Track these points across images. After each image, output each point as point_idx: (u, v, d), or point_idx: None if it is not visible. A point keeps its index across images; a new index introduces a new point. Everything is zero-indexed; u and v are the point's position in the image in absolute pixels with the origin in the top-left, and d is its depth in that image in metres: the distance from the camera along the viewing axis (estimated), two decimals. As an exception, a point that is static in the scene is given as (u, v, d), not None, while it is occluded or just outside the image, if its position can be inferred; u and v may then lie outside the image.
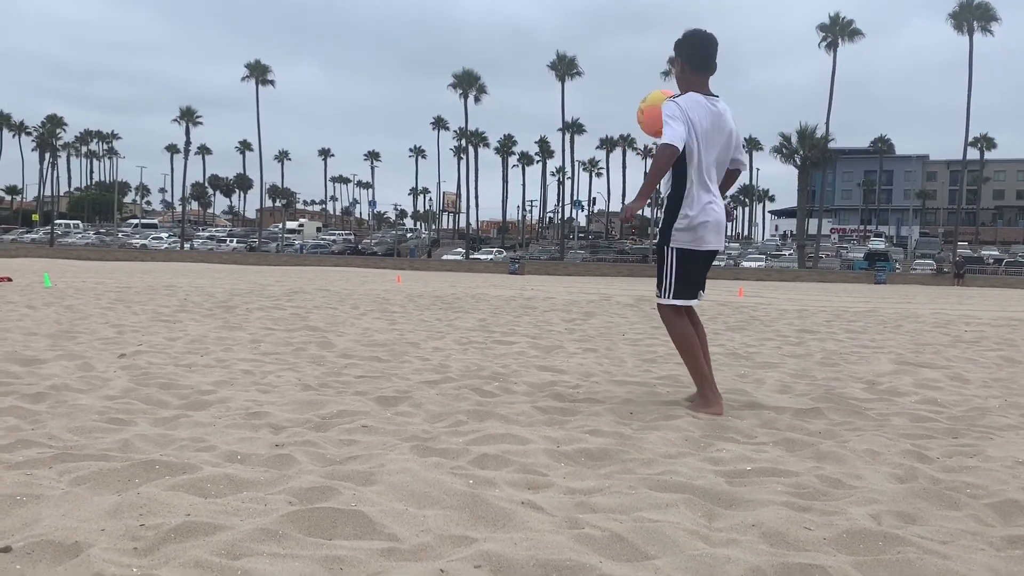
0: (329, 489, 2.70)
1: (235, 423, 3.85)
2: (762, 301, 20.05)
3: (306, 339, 7.68)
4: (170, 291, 15.64)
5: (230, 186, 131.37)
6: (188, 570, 2.00)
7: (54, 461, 3.02)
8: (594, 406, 4.51)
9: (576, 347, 7.75)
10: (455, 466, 3.13)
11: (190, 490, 2.69)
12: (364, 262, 62.23)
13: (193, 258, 63.08)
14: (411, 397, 4.62)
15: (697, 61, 4.40)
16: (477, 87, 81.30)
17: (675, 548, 2.29)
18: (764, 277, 54.67)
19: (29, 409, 4.00)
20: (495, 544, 2.25)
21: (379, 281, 27.70)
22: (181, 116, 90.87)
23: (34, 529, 2.30)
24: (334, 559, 2.12)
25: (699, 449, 3.58)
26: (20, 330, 7.72)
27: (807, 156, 67.75)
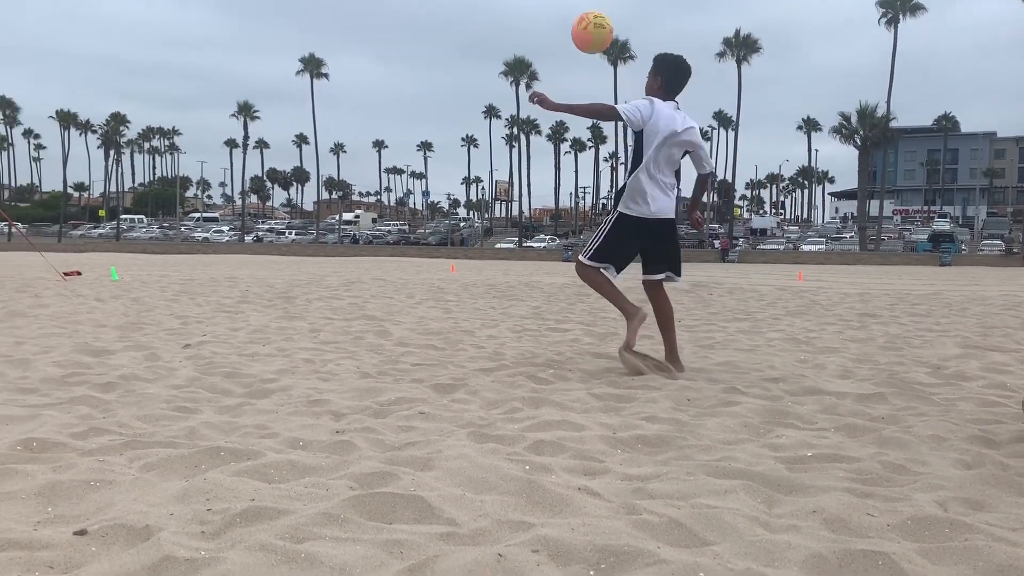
0: (388, 474, 2.75)
1: (297, 410, 3.93)
2: (822, 285, 19.67)
3: (364, 328, 7.79)
4: (232, 283, 16.00)
5: (288, 179, 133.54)
6: (254, 553, 2.05)
7: (125, 448, 3.12)
8: (650, 393, 4.49)
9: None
10: (511, 452, 3.15)
11: (254, 476, 2.76)
12: (418, 252, 62.75)
13: (253, 250, 64.36)
14: (467, 384, 4.66)
15: (673, 86, 5.17)
16: (528, 74, 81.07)
17: (734, 534, 2.27)
18: (824, 261, 53.58)
19: (100, 398, 4.14)
20: (552, 529, 2.26)
21: (433, 270, 27.92)
22: (239, 111, 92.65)
23: (107, 513, 2.39)
24: (394, 543, 2.16)
25: (758, 435, 3.54)
26: (90, 322, 7.99)
27: (868, 136, 66.14)
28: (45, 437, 3.22)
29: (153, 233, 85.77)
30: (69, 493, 2.56)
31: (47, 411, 3.78)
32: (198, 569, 1.97)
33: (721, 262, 53.17)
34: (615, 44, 75.86)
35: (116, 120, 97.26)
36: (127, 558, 2.04)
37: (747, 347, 6.77)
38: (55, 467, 2.83)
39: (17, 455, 2.99)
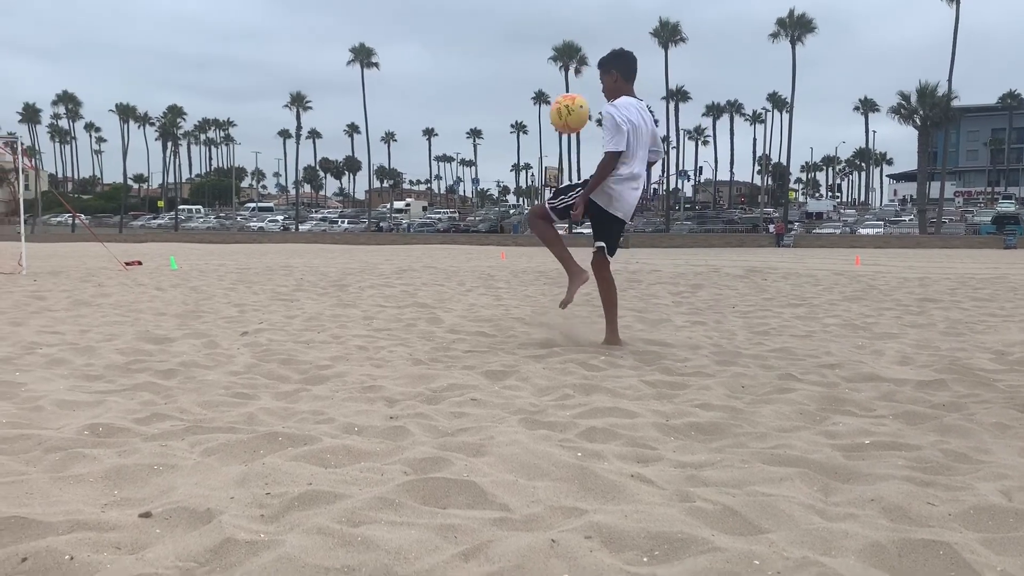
0: (442, 460, 2.77)
1: (352, 396, 3.99)
2: (880, 269, 19.23)
3: (416, 315, 7.86)
4: (287, 271, 16.27)
5: (340, 168, 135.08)
6: (312, 536, 2.09)
7: (186, 433, 3.21)
8: (704, 379, 4.45)
9: (684, 320, 7.65)
10: (563, 439, 3.15)
11: (311, 460, 2.81)
12: (468, 239, 62.97)
13: (307, 239, 65.30)
14: (518, 371, 4.67)
15: (627, 73, 5.55)
16: (578, 59, 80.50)
17: (790, 522, 2.25)
18: (883, 244, 52.34)
19: (162, 384, 4.26)
20: (605, 516, 2.26)
21: (484, 258, 28.00)
22: (292, 102, 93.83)
23: (170, 496, 2.46)
24: (448, 527, 2.18)
25: (814, 423, 3.48)
26: (151, 311, 8.20)
27: (928, 116, 64.28)
28: (110, 422, 3.32)
29: (210, 223, 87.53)
30: (134, 477, 2.65)
31: (112, 397, 3.90)
32: (258, 552, 2.02)
33: (776, 247, 52.31)
34: (666, 26, 74.89)
35: (173, 112, 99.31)
36: (190, 540, 2.10)
37: (803, 333, 6.66)
38: (120, 451, 2.92)
39: (84, 439, 3.09)
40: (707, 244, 55.32)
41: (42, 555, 1.99)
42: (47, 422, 3.40)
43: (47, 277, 13.81)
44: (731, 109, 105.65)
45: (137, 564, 1.95)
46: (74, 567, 1.95)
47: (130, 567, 1.93)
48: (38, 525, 2.18)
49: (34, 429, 3.23)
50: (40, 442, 3.02)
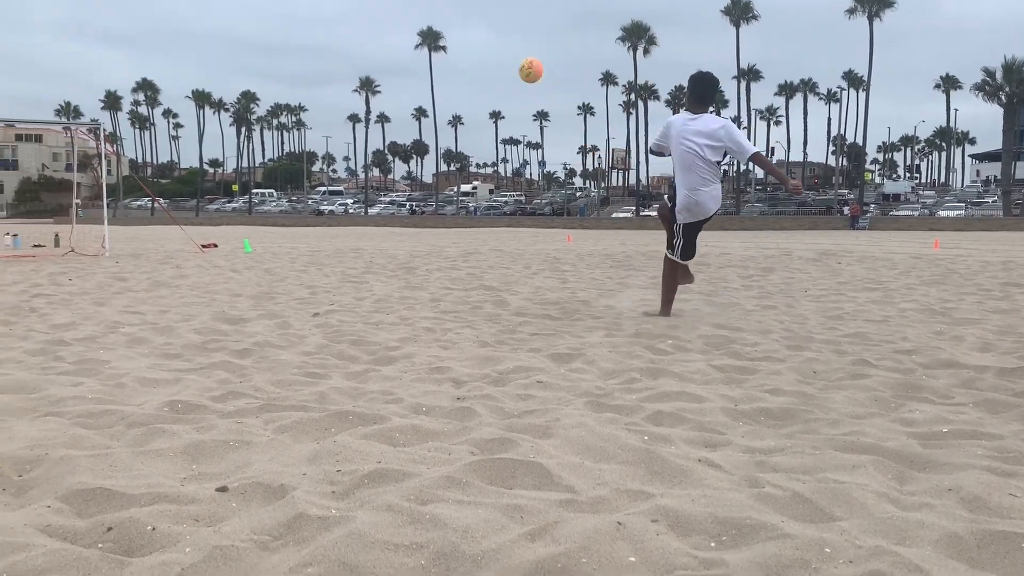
0: (508, 441, 2.79)
1: (419, 377, 4.04)
2: (961, 253, 18.55)
3: (482, 298, 7.91)
4: (356, 254, 16.53)
5: (408, 152, 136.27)
6: (381, 513, 2.14)
7: (260, 411, 3.30)
8: (774, 364, 4.37)
9: (754, 304, 7.52)
10: (630, 422, 3.14)
11: (380, 439, 2.86)
12: (534, 222, 62.94)
13: (376, 222, 66.19)
14: (584, 354, 4.66)
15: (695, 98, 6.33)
16: (646, 39, 79.35)
17: (863, 510, 2.20)
18: (964, 227, 50.43)
19: (237, 364, 4.38)
20: (672, 500, 2.25)
21: (550, 240, 27.96)
22: (360, 86, 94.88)
23: (246, 472, 2.54)
24: (515, 507, 2.20)
25: (889, 409, 3.39)
26: (226, 292, 8.44)
27: (1014, 92, 61.51)
28: (188, 399, 3.44)
29: (282, 206, 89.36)
30: (211, 452, 2.73)
31: (189, 375, 4.03)
32: (329, 527, 2.07)
33: (850, 229, 50.89)
34: (737, 4, 73.21)
35: (246, 98, 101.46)
36: (264, 515, 2.17)
37: (878, 318, 6.48)
38: (198, 427, 3.02)
39: (164, 415, 3.20)
40: (778, 227, 54.10)
41: (126, 525, 2.07)
42: (129, 399, 3.53)
43: (128, 259, 14.33)
44: (804, 88, 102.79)
45: (215, 536, 2.02)
46: (156, 537, 2.03)
47: (208, 538, 2.00)
48: (122, 497, 2.28)
49: (117, 405, 3.37)
50: (123, 417, 3.15)
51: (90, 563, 1.87)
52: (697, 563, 1.89)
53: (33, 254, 15.76)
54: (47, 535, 2.03)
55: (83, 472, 2.46)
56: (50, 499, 2.26)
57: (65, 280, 9.87)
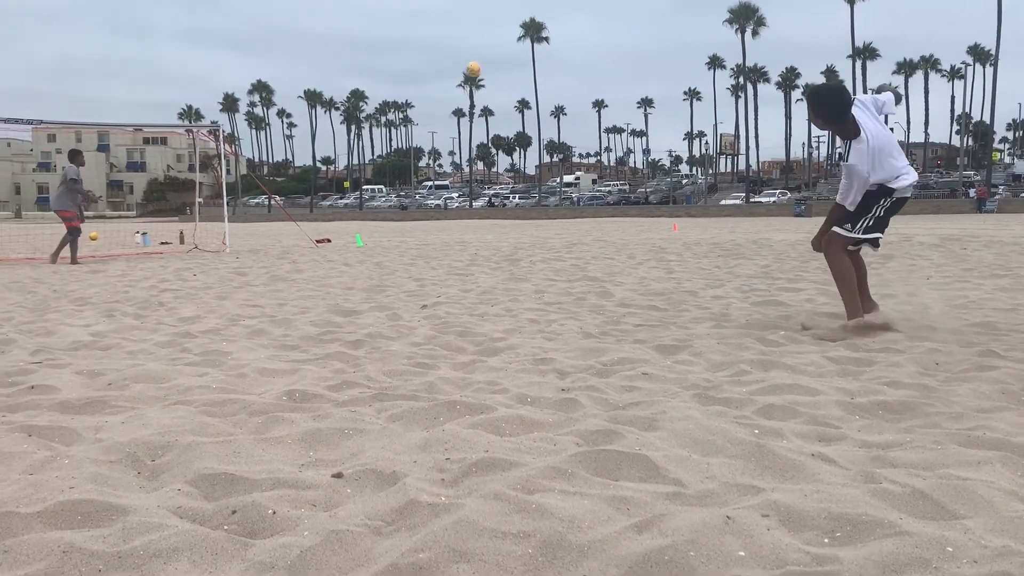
0: (613, 432, 2.79)
1: (524, 368, 4.08)
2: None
3: (586, 289, 7.90)
4: (462, 247, 16.77)
5: (511, 145, 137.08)
6: (489, 501, 2.17)
7: (373, 400, 3.40)
8: (893, 356, 4.20)
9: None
10: (739, 415, 3.08)
11: (487, 429, 2.91)
12: (639, 211, 62.25)
13: (480, 215, 66.92)
14: (691, 346, 4.59)
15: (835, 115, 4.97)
16: (755, 20, 77.18)
17: (988, 508, 2.09)
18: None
19: (351, 354, 4.53)
20: (783, 495, 2.20)
21: (655, 230, 27.61)
22: (465, 81, 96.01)
23: (359, 459, 2.62)
24: (621, 499, 2.20)
25: (1019, 403, 3.21)
26: (340, 285, 8.72)
27: None
28: (305, 389, 3.58)
29: (391, 202, 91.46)
30: (327, 440, 2.84)
31: (306, 365, 4.20)
32: (439, 514, 2.12)
33: (977, 212, 48.17)
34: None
35: (356, 97, 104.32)
36: (378, 501, 2.24)
37: (1007, 306, 6.12)
38: (314, 416, 3.14)
39: (283, 404, 3.35)
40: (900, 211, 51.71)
41: (248, 509, 2.18)
42: (250, 388, 3.71)
43: (247, 254, 14.99)
44: (925, 65, 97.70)
45: (331, 521, 2.10)
46: (276, 521, 2.13)
47: (325, 523, 2.08)
48: (244, 481, 2.40)
49: (239, 394, 3.54)
50: (245, 406, 3.31)
51: (217, 544, 1.98)
52: (809, 559, 1.85)
53: (160, 251, 16.69)
54: (178, 516, 2.16)
55: (209, 458, 2.60)
56: (180, 483, 2.40)
57: (190, 275, 10.42)
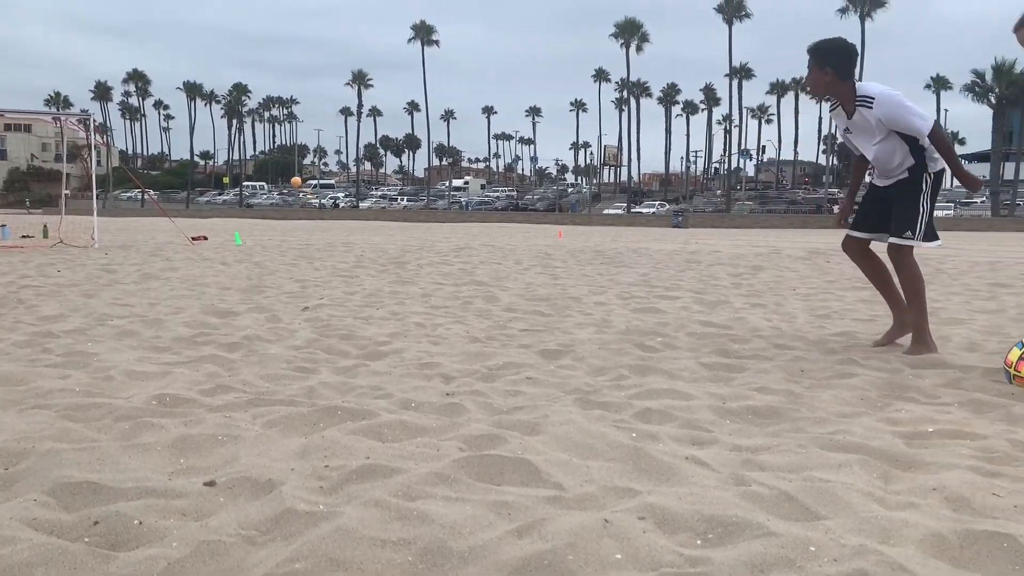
0: (497, 437, 2.80)
1: (409, 372, 4.04)
2: (949, 253, 18.65)
3: (473, 293, 7.91)
4: (347, 248, 16.50)
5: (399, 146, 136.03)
6: (369, 509, 2.14)
7: (248, 405, 3.30)
8: (762, 363, 4.39)
9: (743, 302, 7.54)
10: (618, 419, 3.15)
11: (369, 435, 2.87)
12: (526, 218, 62.94)
13: (367, 216, 66.07)
14: (574, 351, 4.67)
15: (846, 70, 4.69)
16: (639, 36, 79.39)
17: (848, 509, 2.21)
18: (952, 227, 50.67)
19: (226, 357, 4.37)
20: (659, 497, 2.26)
21: (541, 236, 27.97)
22: (353, 80, 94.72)
23: (233, 466, 2.53)
24: (502, 504, 2.21)
25: (876, 409, 3.42)
26: (216, 285, 8.42)
27: (1003, 94, 61.86)
28: (177, 393, 3.43)
29: (273, 199, 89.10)
30: (199, 446, 2.73)
31: (178, 368, 4.03)
32: (317, 522, 2.07)
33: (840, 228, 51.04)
34: (730, 1, 73.31)
35: (238, 90, 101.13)
36: (252, 509, 2.17)
37: (866, 317, 6.52)
38: (186, 421, 3.01)
39: (152, 409, 3.20)
40: (768, 225, 54.30)
41: (112, 519, 2.07)
42: (117, 391, 3.52)
43: (118, 251, 14.27)
44: (796, 87, 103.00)
45: (202, 531, 2.02)
46: (142, 532, 2.02)
47: (195, 533, 2.00)
48: (109, 491, 2.27)
49: (105, 398, 3.36)
50: (111, 411, 3.14)
51: (76, 557, 1.86)
52: (683, 561, 1.91)
53: (21, 245, 15.67)
54: (33, 529, 2.03)
55: (70, 465, 2.45)
56: (37, 492, 2.26)
57: (54, 271, 9.82)
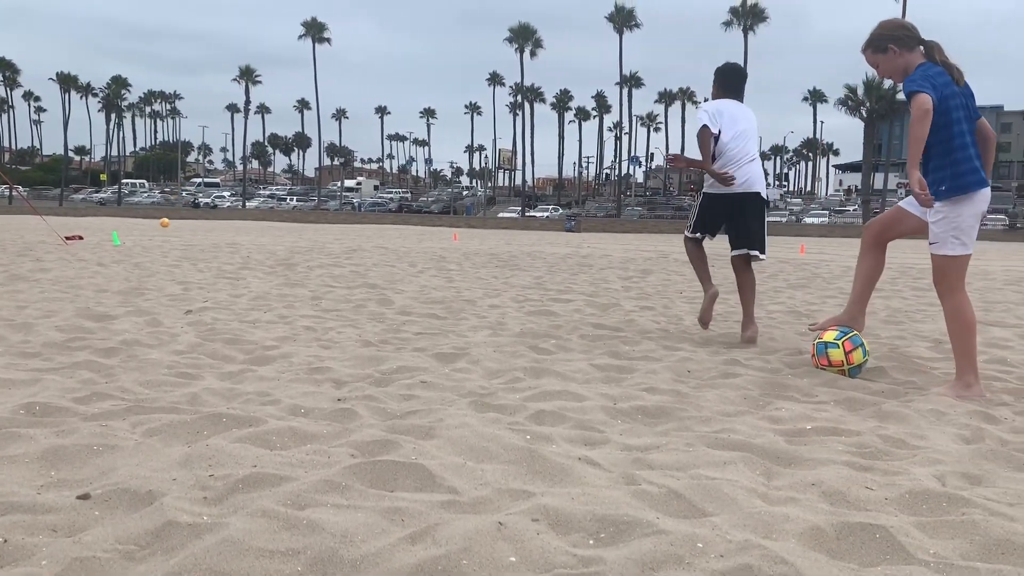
0: (390, 443, 2.76)
1: (298, 378, 3.94)
2: (825, 258, 19.65)
3: (365, 296, 7.80)
4: (233, 249, 15.99)
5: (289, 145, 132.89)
6: (256, 519, 2.07)
7: (127, 413, 3.14)
8: (651, 364, 4.50)
9: (633, 305, 7.72)
10: (512, 422, 3.16)
11: (256, 442, 2.77)
12: (421, 220, 62.63)
13: (254, 216, 64.26)
14: (468, 354, 4.66)
15: (727, 86, 5.63)
16: (533, 41, 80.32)
17: (733, 505, 2.29)
18: (827, 234, 53.44)
19: (102, 363, 4.15)
20: (552, 498, 2.27)
21: (436, 239, 27.88)
22: (240, 75, 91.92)
23: (110, 478, 2.40)
24: (395, 510, 2.17)
25: (758, 408, 3.55)
26: (92, 287, 7.99)
27: (874, 108, 65.62)
28: (47, 401, 3.23)
29: (155, 198, 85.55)
30: (72, 457, 2.58)
31: (49, 375, 3.80)
32: (200, 534, 1.99)
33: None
34: (621, 11, 75.12)
35: (117, 83, 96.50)
36: (130, 523, 2.06)
37: (748, 319, 6.76)
38: (58, 431, 2.84)
39: (20, 419, 3.00)
40: (657, 230, 55.87)
41: (-26, 538, 1.93)
42: (-20, 401, 3.29)
43: (-18, 250, 13.36)
44: (683, 96, 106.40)
45: (74, 547, 1.90)
46: (8, 550, 1.89)
47: (67, 550, 1.88)
48: (-30, 507, 2.11)
49: (-33, 408, 3.13)
50: (-27, 421, 2.93)
51: (-69, 581, 1.73)
52: (576, 561, 1.92)
53: None
54: None
55: (-75, 481, 2.27)
56: None
57: (-92, 272, 9.12)
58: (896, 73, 4.09)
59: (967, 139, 3.94)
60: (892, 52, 4.06)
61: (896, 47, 4.04)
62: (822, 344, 4.35)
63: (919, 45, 4.06)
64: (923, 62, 4.01)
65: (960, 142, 3.90)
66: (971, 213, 3.96)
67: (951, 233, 3.96)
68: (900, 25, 4.15)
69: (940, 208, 3.97)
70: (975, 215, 3.97)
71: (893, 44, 4.05)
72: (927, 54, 4.04)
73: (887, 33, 4.08)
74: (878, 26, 4.17)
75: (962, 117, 3.93)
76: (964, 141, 3.92)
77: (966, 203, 3.94)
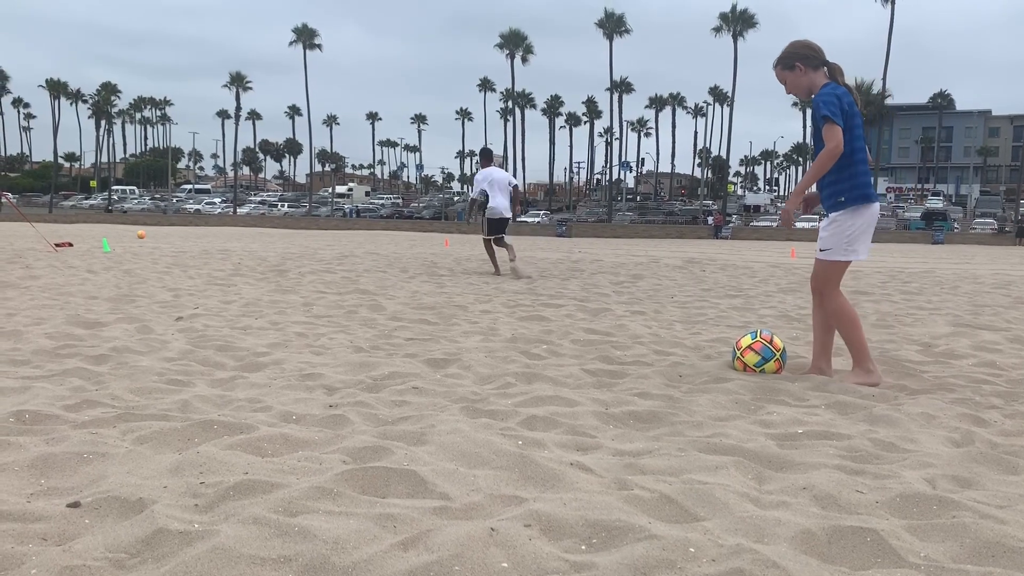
0: (382, 449, 2.75)
1: (290, 384, 3.93)
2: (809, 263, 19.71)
3: (357, 302, 7.78)
4: (224, 255, 15.94)
5: (280, 151, 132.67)
6: (247, 526, 2.06)
7: (117, 421, 3.12)
8: (642, 369, 4.50)
9: (624, 310, 7.72)
10: (504, 427, 3.16)
11: (248, 449, 2.76)
12: (412, 226, 62.58)
13: (245, 222, 64.09)
14: (460, 359, 4.66)
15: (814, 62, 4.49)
16: (524, 47, 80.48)
17: (724, 510, 2.29)
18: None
19: (93, 370, 4.13)
20: (544, 504, 2.27)
21: (427, 244, 27.86)
22: (231, 82, 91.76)
23: (101, 486, 2.39)
24: (387, 517, 2.17)
25: (749, 412, 3.56)
26: (82, 294, 7.96)
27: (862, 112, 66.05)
28: (37, 409, 3.22)
29: (145, 204, 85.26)
30: (62, 465, 2.57)
31: (39, 383, 3.78)
32: (191, 542, 1.98)
33: (714, 238, 53.19)
34: (611, 17, 75.36)
35: (107, 90, 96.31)
36: (121, 531, 2.05)
37: (739, 324, 6.79)
38: (48, 439, 2.83)
39: (9, 427, 2.98)
40: (648, 235, 55.98)
41: (-37, 547, 1.92)
42: (-31, 409, 3.27)
43: (-29, 258, 13.29)
44: (673, 102, 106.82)
45: (64, 556, 1.89)
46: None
47: (57, 559, 1.87)
48: (-41, 516, 2.10)
49: (-45, 416, 3.11)
50: (-38, 430, 2.91)
51: (-80, 590, 1.71)
52: (568, 567, 1.92)
53: None
54: None
55: (-87, 490, 2.26)
56: None
57: None
58: (801, 90, 4.38)
59: (864, 155, 4.30)
60: (799, 70, 4.33)
61: (803, 65, 4.32)
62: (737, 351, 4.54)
63: (823, 66, 4.34)
64: (827, 82, 4.30)
65: (860, 157, 4.27)
66: (865, 223, 4.31)
67: (844, 241, 4.31)
68: (807, 46, 4.40)
69: (837, 217, 4.32)
70: (868, 225, 4.33)
71: (800, 62, 4.33)
72: (831, 75, 4.34)
73: (795, 52, 4.37)
74: (788, 45, 4.44)
75: (861, 135, 4.29)
76: (863, 157, 4.30)
77: (862, 214, 4.29)
